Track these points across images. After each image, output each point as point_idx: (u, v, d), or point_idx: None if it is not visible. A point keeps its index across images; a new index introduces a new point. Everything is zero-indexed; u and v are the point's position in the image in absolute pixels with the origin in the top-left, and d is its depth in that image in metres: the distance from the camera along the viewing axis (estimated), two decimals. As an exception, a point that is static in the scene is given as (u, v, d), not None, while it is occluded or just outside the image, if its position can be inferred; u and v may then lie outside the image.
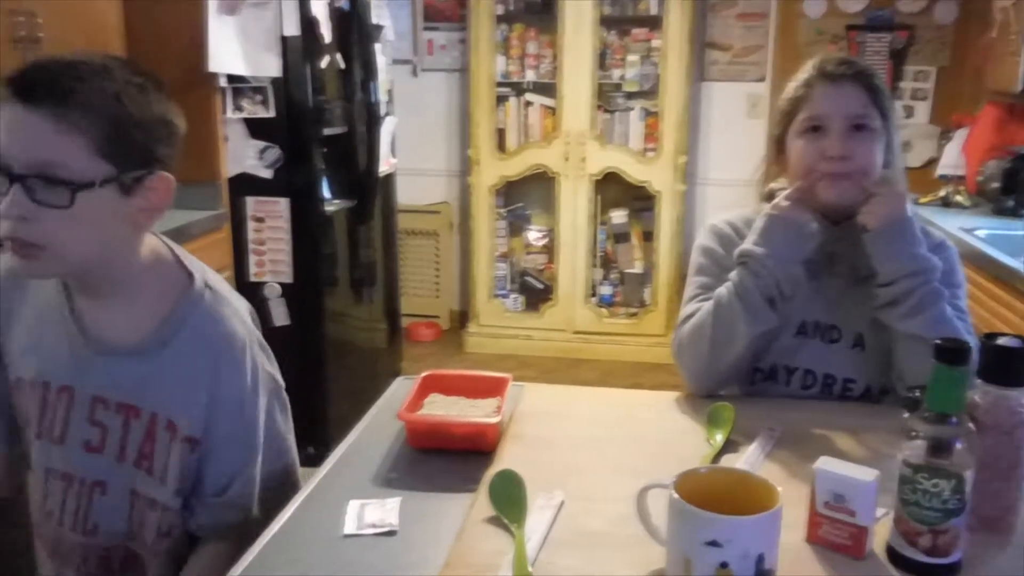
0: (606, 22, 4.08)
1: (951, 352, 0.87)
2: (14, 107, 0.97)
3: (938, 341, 0.88)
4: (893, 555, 0.93)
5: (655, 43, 4.06)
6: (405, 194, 4.01)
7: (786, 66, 4.14)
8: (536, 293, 4.45)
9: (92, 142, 0.99)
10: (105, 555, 1.16)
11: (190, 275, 1.15)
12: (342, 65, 3.12)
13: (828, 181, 1.35)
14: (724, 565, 0.83)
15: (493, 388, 1.33)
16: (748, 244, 1.38)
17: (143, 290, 1.12)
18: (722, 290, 1.39)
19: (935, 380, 0.88)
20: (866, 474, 0.93)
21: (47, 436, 1.14)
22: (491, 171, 4.23)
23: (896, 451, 0.94)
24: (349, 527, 1.01)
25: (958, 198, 3.42)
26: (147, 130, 1.04)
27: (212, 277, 1.19)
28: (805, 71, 1.41)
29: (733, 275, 1.38)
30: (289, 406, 1.29)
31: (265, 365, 1.21)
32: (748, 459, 1.17)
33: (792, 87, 1.41)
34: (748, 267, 1.36)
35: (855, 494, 0.93)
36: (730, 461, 1.17)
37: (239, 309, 1.19)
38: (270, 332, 3.05)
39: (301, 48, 2.77)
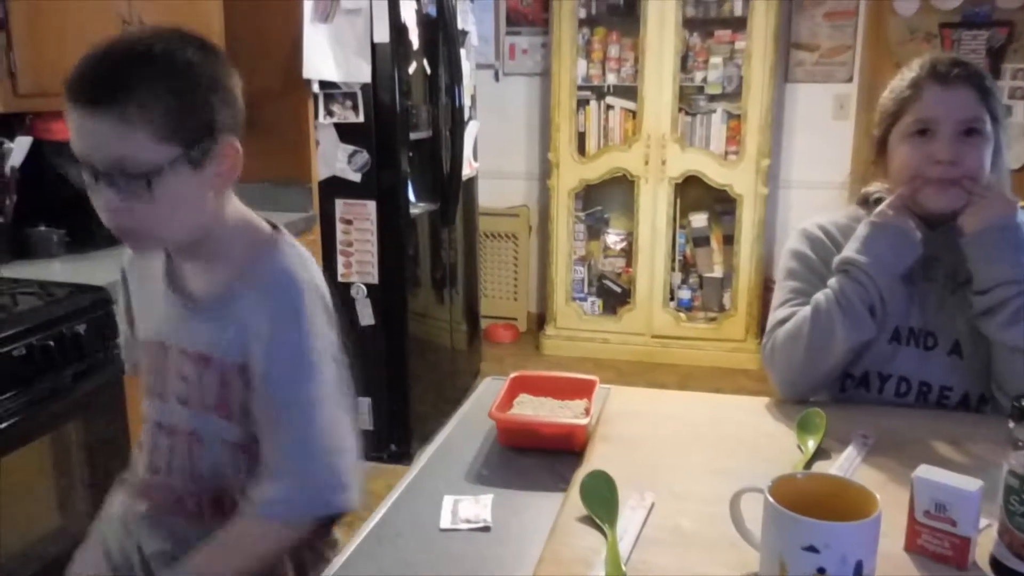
0: (689, 24, 4.05)
1: (1061, 361, 0.85)
2: (75, 111, 1.01)
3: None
4: (998, 567, 0.91)
5: (739, 44, 4.02)
6: (485, 197, 4.06)
7: (875, 66, 4.04)
8: (614, 296, 4.44)
9: (152, 130, 1.00)
10: (217, 499, 1.15)
11: (272, 227, 1.19)
12: (428, 70, 3.18)
13: (935, 188, 1.32)
14: (822, 571, 0.83)
15: (581, 390, 1.35)
16: (850, 252, 1.36)
17: (234, 246, 1.15)
18: (820, 297, 1.37)
19: (1044, 389, 0.86)
20: (969, 483, 0.91)
21: (156, 393, 1.18)
22: (571, 174, 4.24)
23: (998, 461, 0.93)
24: (445, 522, 1.04)
25: (1060, 202, 3.28)
26: (200, 104, 1.05)
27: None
28: (912, 70, 1.37)
29: (833, 283, 1.36)
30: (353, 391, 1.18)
31: (327, 326, 1.15)
32: (841, 466, 1.16)
33: (899, 86, 1.37)
34: (850, 275, 1.34)
35: (957, 503, 0.91)
36: (822, 468, 1.16)
37: (312, 263, 1.19)
38: (356, 332, 3.16)
39: (390, 54, 2.84)
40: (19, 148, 2.22)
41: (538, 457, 1.20)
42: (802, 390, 1.39)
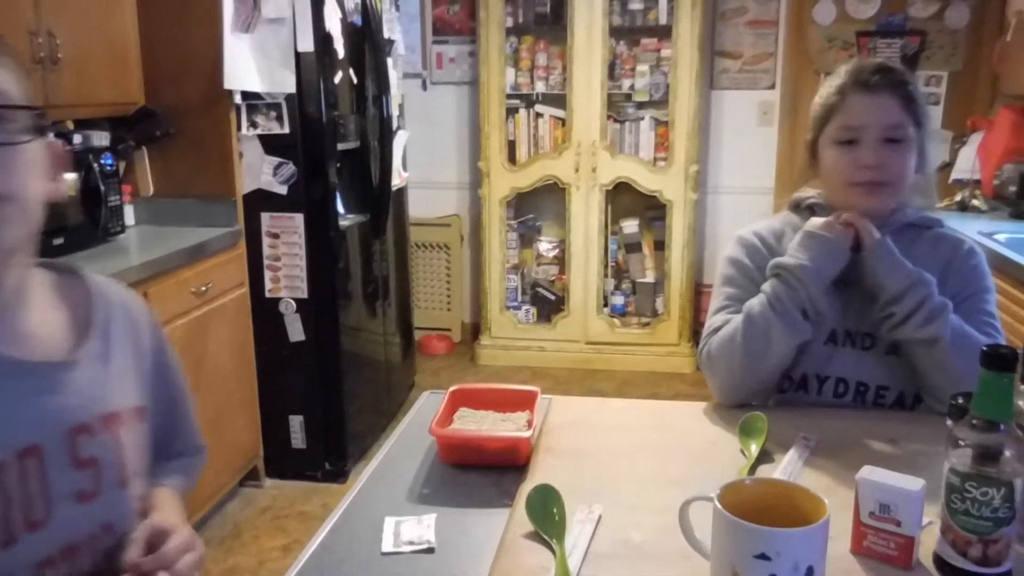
0: (615, 32, 4.09)
1: (999, 359, 0.86)
2: None
3: (985, 348, 0.87)
4: (941, 564, 0.91)
5: (665, 52, 4.07)
6: (416, 207, 4.01)
7: (797, 73, 4.14)
8: (548, 304, 4.44)
9: (17, 78, 0.85)
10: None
11: (66, 266, 1.01)
12: (355, 80, 3.13)
13: (864, 190, 1.36)
14: (773, 578, 0.82)
15: (522, 401, 1.32)
16: (782, 258, 1.38)
17: (38, 289, 0.94)
18: (754, 302, 1.38)
19: (983, 387, 0.87)
20: (912, 483, 0.92)
21: (21, 532, 0.83)
22: (502, 183, 4.23)
23: (935, 459, 0.93)
24: (387, 545, 1.00)
25: (975, 202, 3.40)
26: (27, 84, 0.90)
27: None
28: (839, 76, 1.40)
29: (766, 287, 1.37)
30: None
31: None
32: (785, 469, 1.16)
33: (827, 92, 1.40)
34: (781, 279, 1.35)
35: (901, 503, 0.91)
36: (766, 471, 1.16)
37: None
38: (286, 348, 3.08)
39: (316, 64, 2.78)
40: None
41: (481, 473, 1.17)
42: (741, 395, 1.39)
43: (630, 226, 4.34)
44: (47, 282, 0.96)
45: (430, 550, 0.99)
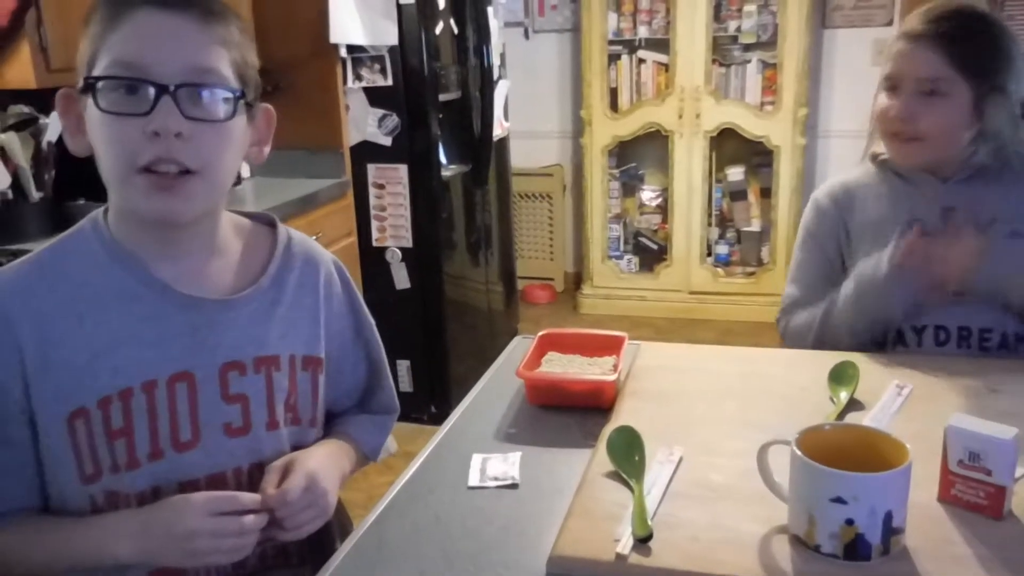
0: (721, -28, 3.95)
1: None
2: (150, 14, 0.87)
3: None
4: (1033, 516, 0.89)
5: (774, -9, 3.91)
6: (518, 157, 4.03)
7: (914, 8, 3.90)
8: (650, 253, 4.41)
9: (230, 55, 0.91)
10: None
11: (264, 217, 1.08)
12: (456, 30, 3.15)
13: (895, 143, 1.36)
14: (850, 522, 0.82)
15: (609, 346, 1.34)
16: (871, 272, 1.36)
17: (227, 237, 1.01)
18: (839, 303, 1.41)
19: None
20: (1004, 432, 0.90)
21: (168, 449, 0.93)
22: (604, 131, 4.19)
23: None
24: (473, 479, 1.05)
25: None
26: (253, 55, 0.97)
27: None
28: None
29: (848, 292, 1.39)
30: None
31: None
32: (875, 417, 1.14)
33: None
34: (865, 299, 1.37)
35: (992, 452, 0.89)
36: (856, 419, 1.14)
37: None
38: (393, 295, 3.17)
39: (417, 15, 2.82)
40: (55, 123, 2.26)
41: (567, 415, 1.20)
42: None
43: (735, 173, 4.24)
44: (240, 231, 1.03)
45: (514, 486, 1.03)
